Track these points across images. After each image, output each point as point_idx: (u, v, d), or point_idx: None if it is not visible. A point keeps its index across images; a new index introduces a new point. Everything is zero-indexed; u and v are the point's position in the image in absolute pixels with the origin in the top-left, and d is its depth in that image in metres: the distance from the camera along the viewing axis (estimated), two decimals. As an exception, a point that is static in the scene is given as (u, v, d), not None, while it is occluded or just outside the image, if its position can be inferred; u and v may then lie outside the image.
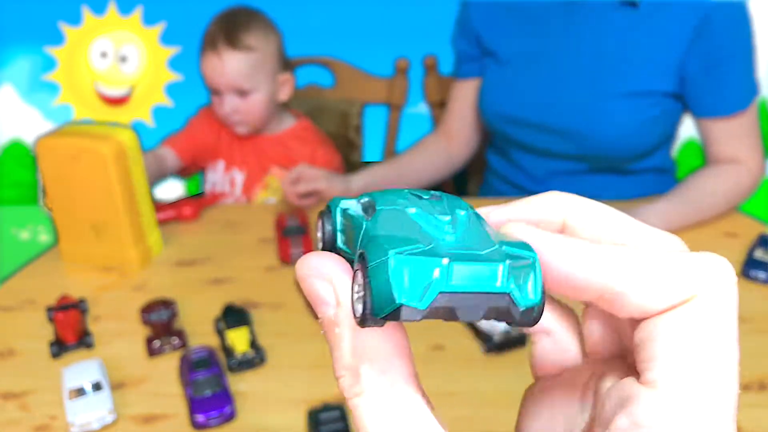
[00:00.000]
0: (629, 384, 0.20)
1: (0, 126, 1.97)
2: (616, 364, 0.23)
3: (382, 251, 0.18)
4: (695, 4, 1.05)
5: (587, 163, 1.18)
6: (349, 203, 0.23)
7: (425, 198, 0.21)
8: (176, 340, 0.81)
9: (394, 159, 1.33)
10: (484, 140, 1.34)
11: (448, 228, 0.20)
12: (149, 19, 1.83)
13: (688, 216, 1.03)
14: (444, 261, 0.18)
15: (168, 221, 1.13)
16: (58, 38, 1.84)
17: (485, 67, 1.24)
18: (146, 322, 0.83)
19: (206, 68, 1.26)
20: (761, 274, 0.90)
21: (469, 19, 1.24)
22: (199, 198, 1.24)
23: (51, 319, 0.82)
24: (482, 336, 0.79)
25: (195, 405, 0.69)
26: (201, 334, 0.83)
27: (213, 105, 1.31)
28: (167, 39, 1.84)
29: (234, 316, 0.82)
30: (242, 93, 1.26)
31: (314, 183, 1.14)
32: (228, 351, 0.78)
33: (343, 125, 1.53)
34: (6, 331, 0.87)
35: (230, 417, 0.69)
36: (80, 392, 0.70)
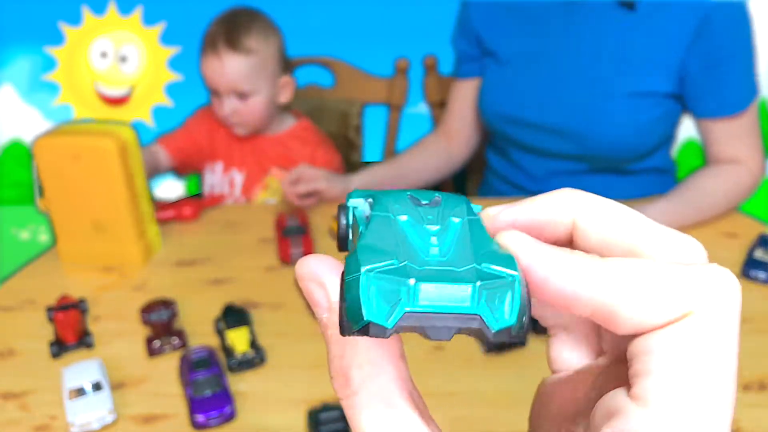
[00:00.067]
0: (618, 396, 0.19)
1: (0, 126, 1.97)
2: (621, 370, 0.22)
3: (356, 266, 0.18)
4: (695, 5, 1.05)
5: (587, 163, 1.18)
6: (358, 201, 0.23)
7: (423, 203, 0.21)
8: (176, 340, 0.81)
9: (394, 159, 1.33)
10: (484, 140, 1.34)
11: (434, 240, 0.20)
12: (149, 19, 1.83)
13: (688, 216, 1.03)
14: (411, 281, 0.18)
15: (168, 221, 1.13)
16: (58, 38, 1.84)
17: (485, 67, 1.24)
18: (146, 322, 0.83)
19: (206, 70, 1.26)
20: (761, 274, 0.90)
21: (469, 19, 1.24)
22: (199, 198, 1.24)
23: (51, 319, 0.81)
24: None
25: (195, 405, 0.69)
26: (201, 334, 0.83)
27: (213, 106, 1.31)
28: (167, 39, 1.84)
29: (234, 316, 0.82)
30: (242, 95, 1.26)
31: (314, 183, 1.14)
32: (228, 351, 0.78)
33: (343, 125, 1.53)
34: (6, 331, 0.87)
35: (230, 417, 0.69)
36: (80, 392, 0.70)
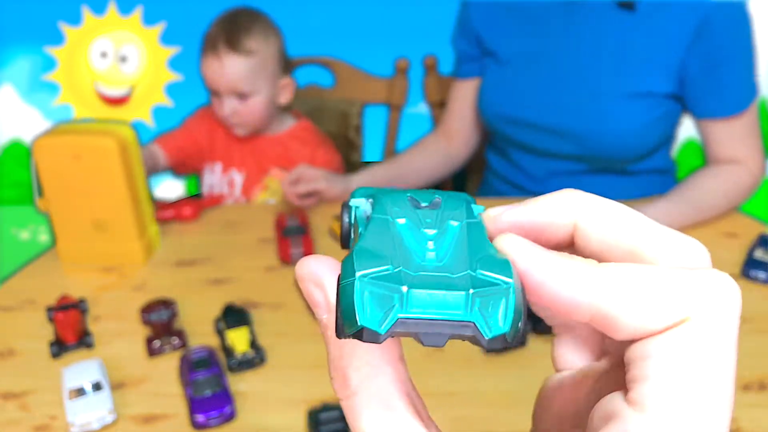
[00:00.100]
0: (616, 400, 0.19)
1: (0, 126, 1.97)
2: (620, 374, 0.22)
3: (351, 271, 0.19)
4: (695, 5, 1.05)
5: (586, 164, 1.18)
6: (359, 201, 0.23)
7: (423, 205, 0.21)
8: (176, 340, 0.81)
9: (394, 159, 1.33)
10: (484, 140, 1.34)
11: (431, 244, 0.20)
12: (149, 19, 1.83)
13: (689, 216, 1.03)
14: (404, 288, 0.18)
15: (168, 221, 1.13)
16: (58, 38, 1.84)
17: (485, 67, 1.24)
18: (146, 322, 0.83)
19: (206, 70, 1.26)
20: (761, 274, 0.90)
21: (469, 19, 1.24)
22: (199, 199, 1.23)
23: (51, 319, 0.81)
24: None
25: (195, 405, 0.69)
26: (201, 334, 0.83)
27: (212, 106, 1.31)
28: (167, 39, 1.83)
29: (234, 316, 0.82)
30: (242, 96, 1.26)
31: (314, 183, 1.14)
32: (228, 351, 0.78)
33: (343, 125, 1.53)
34: (6, 331, 0.87)
35: (230, 417, 0.69)
36: (80, 392, 0.70)
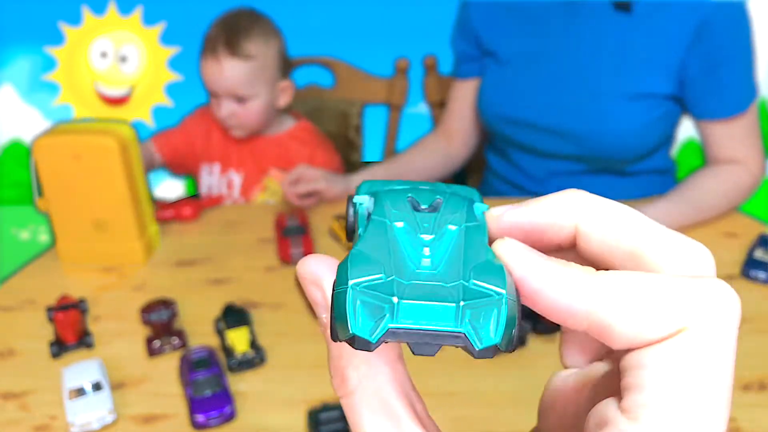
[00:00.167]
0: (610, 406, 0.19)
1: (0, 126, 1.97)
2: (616, 380, 0.22)
3: (345, 278, 0.19)
4: (695, 6, 1.04)
5: (586, 164, 1.18)
6: (363, 198, 0.23)
7: (422, 207, 0.21)
8: (176, 340, 0.81)
9: (394, 159, 1.33)
10: (484, 140, 1.34)
11: (426, 251, 0.20)
12: (149, 19, 1.83)
13: (688, 216, 1.03)
14: (395, 299, 0.18)
15: (168, 221, 1.13)
16: (58, 38, 1.84)
17: (485, 67, 1.24)
18: (146, 322, 0.83)
19: (205, 73, 1.25)
20: (761, 274, 0.90)
21: (469, 19, 1.24)
22: (199, 199, 1.23)
23: (51, 319, 0.82)
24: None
25: (195, 405, 0.69)
26: (201, 334, 0.83)
27: (211, 107, 1.30)
28: (167, 39, 1.83)
29: (234, 316, 0.82)
30: (240, 99, 1.26)
31: (314, 183, 1.14)
32: (228, 351, 0.78)
33: (343, 125, 1.53)
34: (6, 331, 0.87)
35: (230, 417, 0.69)
36: (80, 392, 0.70)
